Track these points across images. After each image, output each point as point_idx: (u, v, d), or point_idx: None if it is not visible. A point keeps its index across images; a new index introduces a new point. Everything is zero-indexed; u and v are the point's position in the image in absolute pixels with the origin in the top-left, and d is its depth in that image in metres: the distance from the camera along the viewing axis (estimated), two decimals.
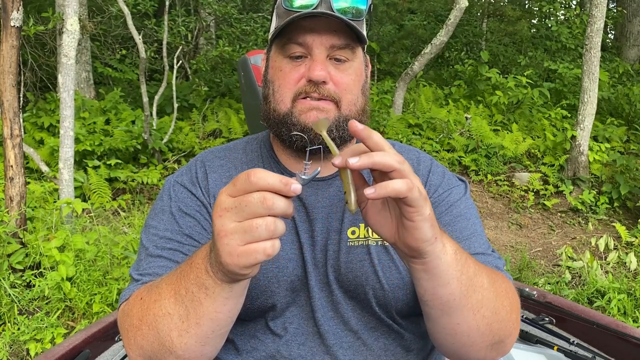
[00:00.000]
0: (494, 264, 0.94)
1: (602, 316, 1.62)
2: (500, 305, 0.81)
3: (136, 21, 6.40)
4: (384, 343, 0.95)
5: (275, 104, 0.93)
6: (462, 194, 1.01)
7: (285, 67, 0.91)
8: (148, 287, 0.82)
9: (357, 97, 0.94)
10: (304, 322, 0.93)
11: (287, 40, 0.90)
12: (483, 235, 0.98)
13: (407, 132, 6.37)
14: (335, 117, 0.91)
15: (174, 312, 0.74)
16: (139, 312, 0.79)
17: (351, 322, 0.94)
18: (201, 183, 0.98)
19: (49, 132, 6.10)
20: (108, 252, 3.51)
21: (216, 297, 0.71)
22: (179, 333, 0.75)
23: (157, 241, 0.92)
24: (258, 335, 0.94)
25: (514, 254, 4.68)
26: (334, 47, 0.89)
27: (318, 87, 0.89)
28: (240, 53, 6.70)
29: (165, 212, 0.95)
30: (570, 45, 8.32)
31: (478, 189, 5.93)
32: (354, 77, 0.92)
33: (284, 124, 0.91)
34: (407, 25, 9.97)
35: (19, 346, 2.93)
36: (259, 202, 0.61)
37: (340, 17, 0.86)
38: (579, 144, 5.86)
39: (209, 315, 0.73)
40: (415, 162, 1.03)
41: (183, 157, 6.19)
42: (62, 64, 4.08)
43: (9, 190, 3.43)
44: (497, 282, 0.83)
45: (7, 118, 3.39)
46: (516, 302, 0.87)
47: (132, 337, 0.80)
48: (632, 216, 5.41)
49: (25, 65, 6.65)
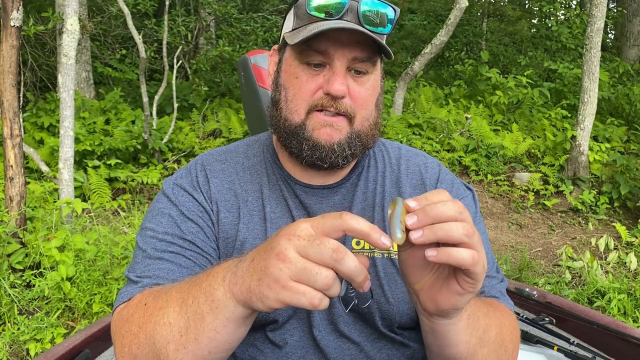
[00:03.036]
0: (497, 289, 0.92)
1: (602, 316, 1.62)
2: (503, 352, 0.81)
3: (136, 21, 6.40)
4: (387, 354, 0.93)
5: (288, 113, 0.88)
6: (471, 206, 0.98)
7: (302, 75, 0.86)
8: (155, 293, 0.78)
9: (371, 112, 0.91)
10: (304, 335, 0.91)
11: (306, 47, 0.84)
12: (489, 254, 0.94)
13: (407, 132, 6.37)
14: (348, 134, 0.88)
15: (175, 322, 0.71)
16: (140, 319, 0.76)
17: (352, 336, 0.91)
18: (202, 187, 0.94)
19: (49, 132, 6.10)
20: (108, 252, 3.51)
21: (219, 312, 0.67)
22: (176, 347, 0.71)
23: (155, 244, 0.88)
24: (257, 345, 0.92)
25: (514, 254, 4.68)
26: (356, 60, 0.85)
27: (336, 101, 0.85)
28: (240, 53, 6.70)
29: (165, 215, 0.91)
30: (570, 45, 8.32)
31: (478, 189, 5.93)
32: (371, 92, 0.89)
33: (295, 137, 0.88)
34: (407, 25, 9.97)
35: (19, 346, 2.93)
36: (331, 250, 0.57)
37: (368, 32, 0.82)
38: (579, 144, 5.86)
39: (208, 333, 0.69)
40: (423, 168, 1.01)
41: (183, 157, 6.19)
42: (62, 64, 4.08)
43: (9, 190, 3.43)
44: (503, 328, 0.82)
45: (7, 118, 3.39)
46: (517, 339, 0.86)
47: (126, 345, 0.76)
48: (632, 216, 5.41)
49: (25, 65, 6.66)
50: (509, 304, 0.92)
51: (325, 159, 0.87)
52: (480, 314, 0.76)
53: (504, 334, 0.82)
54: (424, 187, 0.98)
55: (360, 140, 0.90)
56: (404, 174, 0.99)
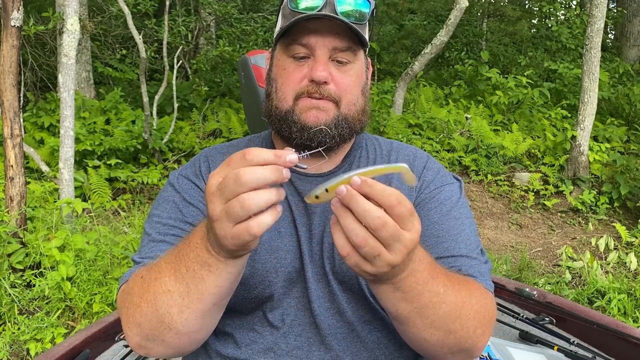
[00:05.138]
0: (476, 269, 0.92)
1: (602, 316, 1.62)
2: (459, 328, 0.80)
3: (136, 21, 6.39)
4: (377, 337, 0.97)
5: (278, 101, 0.95)
6: (455, 192, 1.01)
7: (289, 67, 0.94)
8: (148, 267, 0.84)
9: (357, 97, 0.96)
10: (300, 313, 0.95)
11: (291, 41, 0.92)
12: (472, 236, 0.97)
13: (407, 132, 6.37)
14: (335, 116, 0.93)
15: (174, 289, 0.75)
16: (139, 290, 0.80)
17: (347, 314, 0.95)
18: (205, 177, 1.01)
19: (49, 131, 6.10)
20: (108, 252, 3.51)
21: (220, 272, 0.73)
22: (180, 309, 0.76)
23: (160, 228, 0.95)
24: (256, 328, 0.96)
25: (514, 254, 4.68)
26: (336, 49, 0.92)
27: (319, 87, 0.91)
28: (241, 53, 6.70)
29: (169, 202, 0.98)
30: (571, 45, 8.31)
31: (478, 189, 5.93)
32: (354, 79, 0.95)
33: (285, 121, 0.94)
34: (407, 25, 9.98)
35: (19, 346, 2.93)
36: (233, 181, 0.62)
37: (343, 20, 0.89)
38: (579, 144, 5.86)
39: (211, 290, 0.74)
40: (412, 158, 1.05)
41: (183, 157, 6.19)
42: (62, 64, 4.08)
43: (9, 190, 3.43)
44: (466, 305, 0.81)
45: (8, 118, 3.39)
46: (485, 319, 0.85)
47: (130, 315, 0.81)
48: (632, 216, 5.41)
49: (26, 65, 6.66)
50: (488, 285, 0.92)
51: (314, 138, 0.92)
52: (425, 288, 0.74)
53: (466, 311, 0.81)
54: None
55: (347, 123, 0.95)
56: (394, 162, 1.04)
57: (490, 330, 0.87)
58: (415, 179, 0.68)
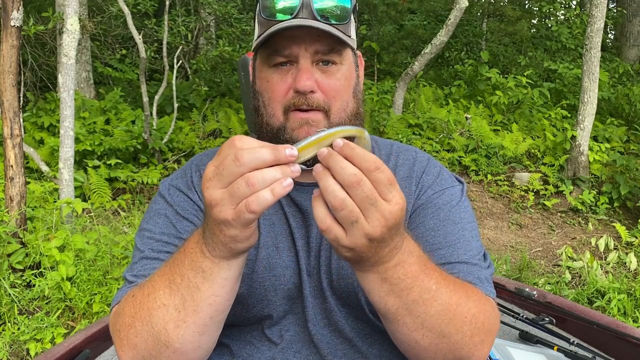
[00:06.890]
0: (475, 275, 0.88)
1: (602, 316, 1.62)
2: (453, 331, 0.76)
3: (136, 21, 6.39)
4: (379, 350, 0.94)
5: (268, 118, 0.91)
6: (456, 196, 0.97)
7: (272, 78, 0.89)
8: (140, 285, 0.80)
9: (347, 102, 0.91)
10: (300, 329, 0.93)
11: (271, 52, 0.87)
12: (473, 242, 0.92)
13: (407, 132, 6.37)
14: (325, 127, 0.88)
15: (169, 302, 0.73)
16: (132, 310, 0.77)
17: (345, 330, 0.92)
18: (197, 187, 0.96)
19: (49, 131, 6.10)
20: (108, 252, 3.51)
21: (215, 278, 0.71)
22: (176, 324, 0.73)
23: (152, 244, 0.90)
24: (254, 342, 0.94)
25: (514, 254, 4.68)
26: (319, 53, 0.86)
27: (306, 97, 0.86)
28: (241, 53, 6.70)
29: (161, 216, 0.94)
30: (570, 45, 8.32)
31: (478, 189, 5.93)
32: (342, 82, 0.90)
33: (277, 140, 0.89)
34: (407, 25, 9.98)
35: (19, 346, 2.93)
36: (232, 162, 0.61)
37: (320, 27, 0.83)
38: (579, 144, 5.86)
39: (207, 300, 0.72)
40: (411, 162, 1.01)
41: (183, 157, 6.19)
42: (62, 64, 4.08)
43: (9, 190, 3.43)
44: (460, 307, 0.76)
45: (7, 118, 3.39)
46: (484, 326, 0.80)
47: (124, 338, 0.77)
48: (632, 216, 5.41)
49: (25, 65, 6.65)
50: (488, 291, 0.88)
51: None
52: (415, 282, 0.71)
53: (461, 313, 0.76)
54: (411, 179, 0.99)
55: None
56: (393, 168, 1.00)
57: (491, 340, 0.82)
58: (370, 146, 0.66)
